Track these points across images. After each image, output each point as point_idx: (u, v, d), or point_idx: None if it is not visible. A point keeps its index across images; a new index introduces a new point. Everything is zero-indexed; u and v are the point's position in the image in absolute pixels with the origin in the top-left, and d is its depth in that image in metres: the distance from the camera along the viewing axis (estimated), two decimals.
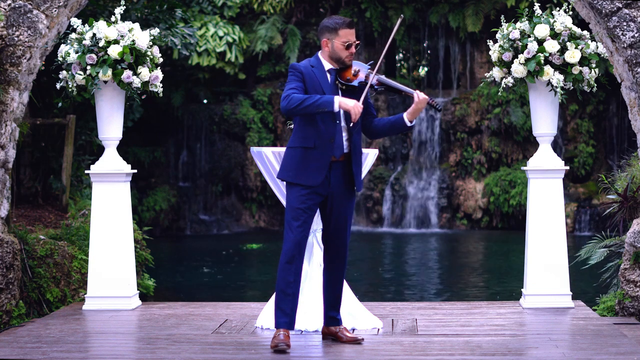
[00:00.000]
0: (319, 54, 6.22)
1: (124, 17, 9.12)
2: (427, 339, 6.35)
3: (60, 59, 7.71)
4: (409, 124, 6.11)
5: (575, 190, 21.62)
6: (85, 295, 7.85)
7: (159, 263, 12.33)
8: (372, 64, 6.15)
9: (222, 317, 7.31)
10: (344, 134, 6.14)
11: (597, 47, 7.53)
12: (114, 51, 7.54)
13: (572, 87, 7.56)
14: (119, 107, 7.78)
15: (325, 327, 6.38)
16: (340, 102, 5.95)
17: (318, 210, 6.49)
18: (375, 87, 6.08)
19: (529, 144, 21.75)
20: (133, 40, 7.63)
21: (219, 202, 22.83)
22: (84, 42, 7.58)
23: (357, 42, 6.12)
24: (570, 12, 7.60)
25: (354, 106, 5.94)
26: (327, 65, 6.17)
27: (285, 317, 6.05)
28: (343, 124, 6.13)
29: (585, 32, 7.60)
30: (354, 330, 6.69)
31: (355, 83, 6.10)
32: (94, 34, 7.61)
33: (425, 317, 7.26)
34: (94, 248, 7.78)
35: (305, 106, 5.95)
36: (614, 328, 6.67)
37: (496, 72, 7.75)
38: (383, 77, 6.11)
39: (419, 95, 6.02)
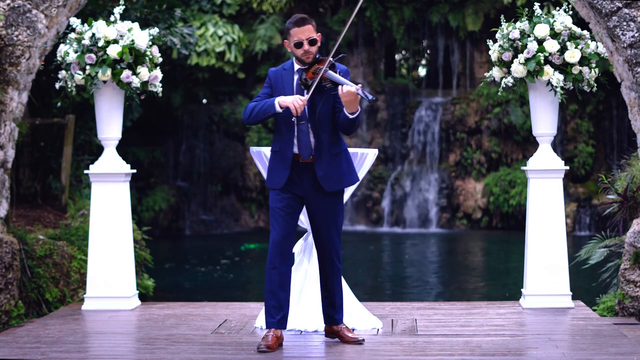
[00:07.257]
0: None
1: (123, 17, 9.11)
2: (426, 339, 6.34)
3: (59, 58, 7.70)
4: (350, 117, 6.03)
5: (575, 190, 21.61)
6: (84, 296, 7.84)
7: (158, 263, 12.32)
8: (341, 57, 6.11)
9: (221, 318, 7.30)
10: (311, 135, 6.13)
11: (597, 47, 7.52)
12: (113, 51, 7.53)
13: (572, 87, 7.55)
14: (118, 107, 7.77)
15: (327, 326, 6.38)
16: (280, 101, 6.00)
17: None
18: (323, 83, 6.07)
19: (529, 144, 21.74)
20: (132, 40, 7.62)
21: (218, 202, 22.81)
22: (83, 41, 7.58)
23: (310, 37, 6.06)
24: (570, 12, 7.59)
25: (293, 101, 5.95)
26: (297, 66, 6.21)
27: (273, 317, 6.07)
28: (309, 124, 6.12)
29: (585, 32, 7.59)
30: (353, 330, 6.68)
31: (310, 82, 6.09)
32: (93, 34, 7.60)
33: (424, 317, 7.25)
34: (93, 248, 7.77)
35: (255, 114, 6.06)
36: (614, 328, 6.66)
37: (496, 72, 7.74)
38: (331, 72, 6.05)
39: (342, 89, 5.94)
